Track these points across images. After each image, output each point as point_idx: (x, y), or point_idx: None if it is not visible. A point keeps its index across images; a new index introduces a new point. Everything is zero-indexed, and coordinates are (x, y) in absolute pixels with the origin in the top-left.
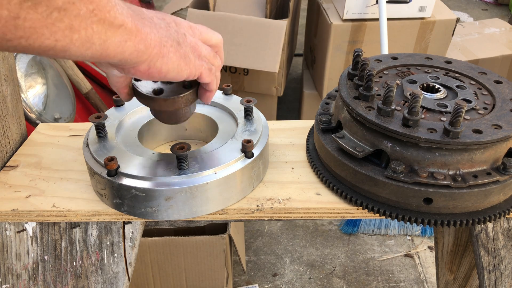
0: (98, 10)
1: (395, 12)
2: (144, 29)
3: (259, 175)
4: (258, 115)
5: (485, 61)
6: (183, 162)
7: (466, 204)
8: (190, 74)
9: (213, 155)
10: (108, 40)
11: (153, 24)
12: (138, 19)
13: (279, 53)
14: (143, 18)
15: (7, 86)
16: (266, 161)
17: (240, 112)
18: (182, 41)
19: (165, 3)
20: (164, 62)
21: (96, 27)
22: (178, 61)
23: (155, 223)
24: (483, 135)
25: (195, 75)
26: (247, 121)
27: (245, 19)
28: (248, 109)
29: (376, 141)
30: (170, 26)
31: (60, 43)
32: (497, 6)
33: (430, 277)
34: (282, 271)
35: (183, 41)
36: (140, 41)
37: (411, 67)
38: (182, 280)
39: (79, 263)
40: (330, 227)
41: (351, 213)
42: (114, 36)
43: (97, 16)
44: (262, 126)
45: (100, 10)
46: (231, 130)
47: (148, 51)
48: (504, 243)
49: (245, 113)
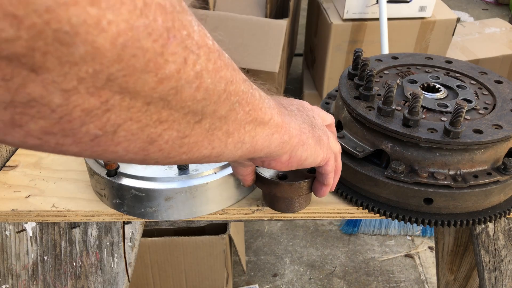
0: (253, 110)
1: (395, 12)
2: (286, 118)
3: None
4: None
5: (486, 61)
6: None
7: (467, 204)
8: (323, 158)
9: None
10: (257, 135)
11: (291, 111)
12: (280, 109)
13: (279, 53)
14: (283, 106)
15: None
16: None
17: None
18: (314, 124)
19: None
20: (304, 150)
21: (248, 126)
22: (315, 146)
23: (155, 223)
24: (483, 135)
25: (327, 158)
26: None
27: (245, 19)
28: None
29: (377, 141)
30: (300, 110)
31: (216, 150)
32: (497, 6)
33: (430, 277)
34: (282, 271)
35: (315, 124)
36: (285, 132)
37: (411, 67)
38: (182, 280)
39: (78, 263)
40: (330, 227)
41: (351, 213)
42: (262, 131)
43: (252, 116)
44: None
45: (255, 109)
46: None
47: (291, 140)
48: (504, 243)
49: None
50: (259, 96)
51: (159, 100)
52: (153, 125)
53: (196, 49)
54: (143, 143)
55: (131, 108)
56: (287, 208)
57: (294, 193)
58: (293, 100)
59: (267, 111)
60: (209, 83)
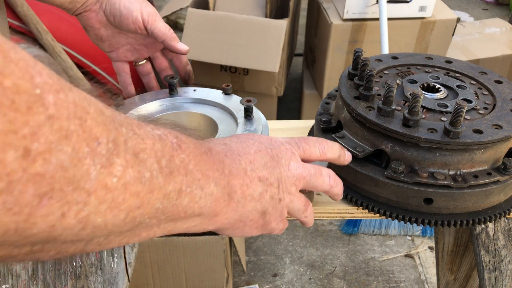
0: (172, 217)
1: (396, 12)
2: (223, 211)
3: None
4: (258, 115)
5: (486, 61)
6: None
7: (467, 204)
8: (257, 234)
9: None
10: (176, 228)
11: (242, 201)
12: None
13: (279, 53)
14: (231, 198)
15: None
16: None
17: (240, 112)
18: (271, 210)
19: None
20: (231, 233)
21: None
22: (250, 231)
23: None
24: (483, 135)
25: (281, 228)
26: (247, 121)
27: (245, 19)
28: (248, 109)
29: (376, 141)
30: (269, 187)
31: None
32: (497, 6)
33: (430, 277)
34: (282, 272)
35: (272, 209)
36: (210, 224)
37: (411, 67)
38: (182, 280)
39: (78, 263)
40: (330, 227)
41: (351, 213)
42: (183, 224)
43: (170, 219)
44: (262, 126)
45: (175, 216)
46: (231, 130)
47: (217, 226)
48: (504, 243)
49: (245, 113)
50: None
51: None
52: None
53: (84, 197)
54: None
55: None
56: None
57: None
58: (280, 151)
59: (195, 210)
60: (99, 222)
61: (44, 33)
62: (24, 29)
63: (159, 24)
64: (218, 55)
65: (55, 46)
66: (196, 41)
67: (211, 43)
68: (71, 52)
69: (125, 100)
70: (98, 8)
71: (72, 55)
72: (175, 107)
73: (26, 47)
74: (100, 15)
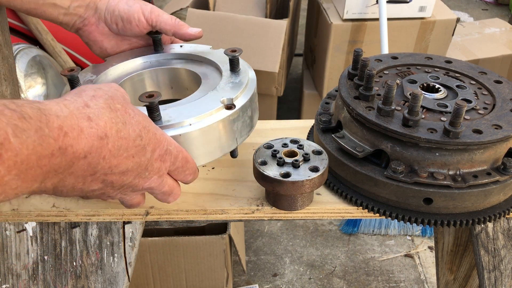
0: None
1: (395, 12)
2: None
3: (243, 131)
4: (245, 67)
5: (485, 61)
6: (154, 113)
7: (466, 204)
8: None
9: (189, 107)
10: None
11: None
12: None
13: (279, 53)
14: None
15: (7, 86)
16: (253, 117)
17: (227, 64)
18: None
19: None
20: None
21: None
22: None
23: (155, 223)
24: (483, 135)
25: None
26: (232, 73)
27: (245, 19)
28: (233, 60)
29: (376, 141)
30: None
31: None
32: (497, 6)
33: (430, 277)
34: (282, 271)
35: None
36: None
37: (411, 67)
38: (182, 280)
39: (79, 263)
40: (330, 227)
41: (351, 213)
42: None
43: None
44: (248, 79)
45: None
46: (215, 84)
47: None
48: (504, 243)
49: (231, 65)
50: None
51: None
52: None
53: None
54: None
55: None
56: (289, 206)
57: (296, 191)
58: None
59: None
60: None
61: (44, 33)
62: (24, 29)
63: (163, 17)
64: None
65: (55, 46)
66: (196, 41)
67: (211, 43)
68: (71, 52)
69: (108, 58)
70: (97, 20)
71: (72, 55)
72: (160, 63)
73: (26, 47)
74: (101, 27)
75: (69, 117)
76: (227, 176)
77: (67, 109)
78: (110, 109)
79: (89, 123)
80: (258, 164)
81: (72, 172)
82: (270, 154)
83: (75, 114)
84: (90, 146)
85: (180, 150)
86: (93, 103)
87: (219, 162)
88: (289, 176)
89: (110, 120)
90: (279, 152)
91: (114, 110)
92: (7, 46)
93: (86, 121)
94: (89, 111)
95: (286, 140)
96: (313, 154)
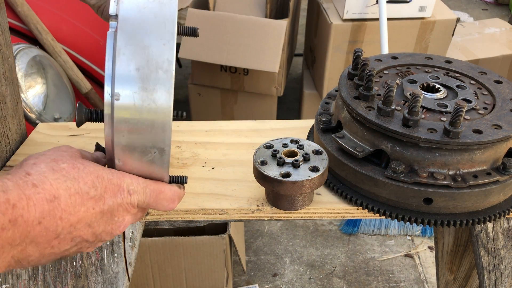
0: None
1: (395, 12)
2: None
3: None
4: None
5: (485, 61)
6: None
7: (466, 204)
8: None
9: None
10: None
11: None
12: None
13: (279, 53)
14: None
15: (7, 86)
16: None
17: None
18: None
19: None
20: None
21: None
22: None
23: (155, 223)
24: (483, 135)
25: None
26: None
27: (245, 19)
28: None
29: (376, 141)
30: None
31: None
32: (497, 6)
33: (430, 277)
34: (282, 271)
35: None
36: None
37: (411, 67)
38: (182, 280)
39: (79, 263)
40: (330, 227)
41: (351, 213)
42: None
43: None
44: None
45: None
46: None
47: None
48: (504, 243)
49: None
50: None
51: None
52: None
53: None
54: None
55: None
56: (289, 206)
57: (296, 191)
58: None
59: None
60: None
61: (44, 33)
62: (24, 29)
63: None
64: (218, 55)
65: (55, 46)
66: (196, 41)
67: (211, 43)
68: (71, 52)
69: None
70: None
71: (72, 55)
72: None
73: (26, 47)
74: None
75: (14, 189)
76: (227, 176)
77: (11, 182)
78: (53, 170)
79: (35, 189)
80: (258, 164)
81: (32, 240)
82: (270, 154)
83: (19, 184)
84: (41, 211)
85: (146, 185)
86: (34, 170)
87: (219, 162)
88: (289, 176)
89: (55, 181)
90: (279, 152)
91: (58, 171)
92: (7, 46)
93: (31, 188)
94: (32, 178)
95: (286, 140)
96: (313, 154)
